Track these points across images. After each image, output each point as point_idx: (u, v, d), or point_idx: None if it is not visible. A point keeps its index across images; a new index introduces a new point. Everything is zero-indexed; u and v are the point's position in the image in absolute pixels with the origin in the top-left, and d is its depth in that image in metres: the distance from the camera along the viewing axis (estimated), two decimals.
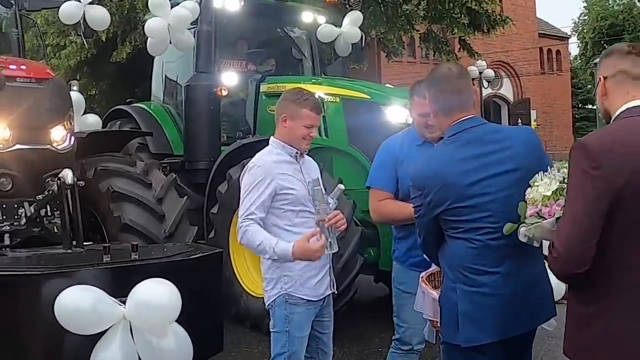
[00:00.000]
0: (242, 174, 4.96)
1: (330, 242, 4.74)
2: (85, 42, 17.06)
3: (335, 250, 4.80)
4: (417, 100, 5.17)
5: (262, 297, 8.01)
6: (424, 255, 4.41)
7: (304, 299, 4.84)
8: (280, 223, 4.80)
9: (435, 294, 4.11)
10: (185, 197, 7.87)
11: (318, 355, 5.11)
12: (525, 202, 3.42)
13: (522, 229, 3.41)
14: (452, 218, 3.88)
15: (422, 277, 4.34)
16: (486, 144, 3.95)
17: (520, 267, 3.85)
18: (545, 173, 3.42)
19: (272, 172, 4.80)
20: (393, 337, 5.49)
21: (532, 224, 3.32)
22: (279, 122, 5.00)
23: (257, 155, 5.01)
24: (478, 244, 3.83)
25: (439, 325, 4.09)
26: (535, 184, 3.40)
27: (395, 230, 5.54)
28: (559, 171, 3.37)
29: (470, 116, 4.03)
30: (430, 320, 4.27)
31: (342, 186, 5.22)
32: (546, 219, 3.26)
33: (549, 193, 3.29)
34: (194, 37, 9.47)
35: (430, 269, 4.47)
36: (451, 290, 3.94)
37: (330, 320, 5.16)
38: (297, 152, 4.99)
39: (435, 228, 4.03)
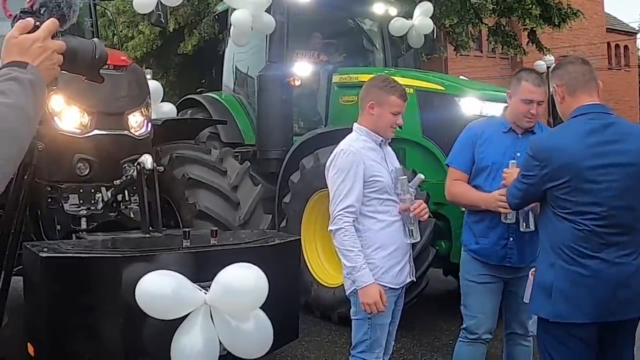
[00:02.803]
0: (331, 160, 4.91)
1: (412, 230, 4.80)
2: (155, 31, 17.25)
3: (418, 240, 4.83)
4: (526, 86, 5.09)
5: (333, 287, 8.15)
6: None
7: (387, 287, 4.82)
8: (365, 210, 4.79)
9: None
10: (260, 185, 7.88)
11: None
12: None
13: None
14: (563, 196, 3.95)
15: (531, 272, 4.36)
16: (611, 133, 4.00)
17: (622, 257, 3.88)
18: None
19: (363, 159, 4.78)
20: (461, 327, 5.47)
21: None
22: (365, 109, 4.96)
23: (345, 141, 4.97)
24: (584, 227, 3.89)
25: None
26: None
27: (466, 216, 5.50)
28: None
29: (598, 102, 4.09)
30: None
31: (422, 176, 5.21)
32: None
33: None
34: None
35: None
36: (549, 267, 4.02)
37: (399, 310, 5.16)
38: (382, 140, 4.97)
39: (534, 199, 4.23)
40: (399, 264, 4.90)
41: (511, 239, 5.13)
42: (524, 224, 4.89)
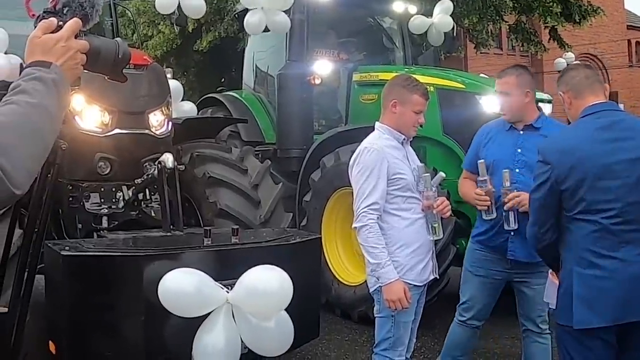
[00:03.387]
0: (355, 158, 4.93)
1: (435, 227, 4.85)
2: (176, 29, 17.28)
3: (440, 237, 4.89)
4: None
5: (353, 285, 8.15)
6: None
7: (411, 284, 4.84)
8: (388, 207, 4.80)
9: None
10: (280, 184, 7.88)
11: None
12: None
13: None
14: (577, 196, 3.90)
15: (551, 271, 4.36)
16: (621, 130, 4.00)
17: (638, 254, 3.82)
18: None
19: (387, 157, 4.79)
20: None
21: None
22: (388, 107, 4.97)
23: (368, 139, 4.99)
24: (599, 226, 3.86)
25: None
26: None
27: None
28: None
29: (605, 101, 4.07)
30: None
31: (443, 174, 5.21)
32: None
33: None
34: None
35: None
36: (568, 273, 4.00)
37: (421, 308, 5.17)
38: (404, 138, 4.98)
39: (552, 207, 4.05)
40: (422, 261, 4.92)
41: (512, 232, 5.26)
42: (507, 223, 5.16)
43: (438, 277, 5.30)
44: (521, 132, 5.34)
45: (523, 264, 5.29)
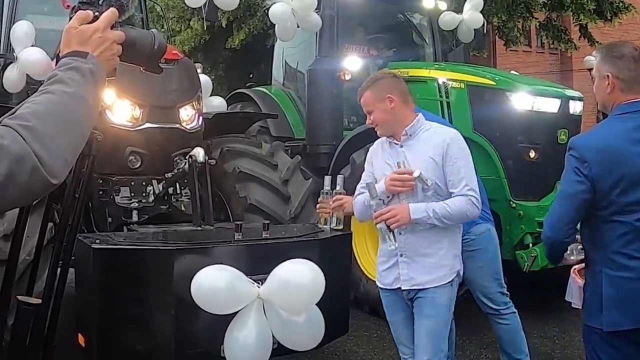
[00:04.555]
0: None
1: (386, 236, 4.62)
2: (205, 25, 17.30)
3: (393, 248, 4.64)
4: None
5: None
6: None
7: (378, 285, 5.05)
8: None
9: (583, 283, 4.11)
10: (310, 180, 7.86)
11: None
12: None
13: None
14: (611, 197, 3.81)
15: (573, 269, 4.31)
16: None
17: None
18: None
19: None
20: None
21: None
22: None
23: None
24: (631, 228, 3.78)
25: None
26: None
27: None
28: None
29: None
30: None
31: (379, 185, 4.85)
32: None
33: None
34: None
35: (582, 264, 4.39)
36: (597, 274, 3.91)
37: (420, 316, 4.84)
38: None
39: (585, 207, 3.94)
40: (384, 263, 4.96)
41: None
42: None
43: (402, 289, 4.85)
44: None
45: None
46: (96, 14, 2.36)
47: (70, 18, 2.38)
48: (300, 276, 4.43)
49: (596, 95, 4.16)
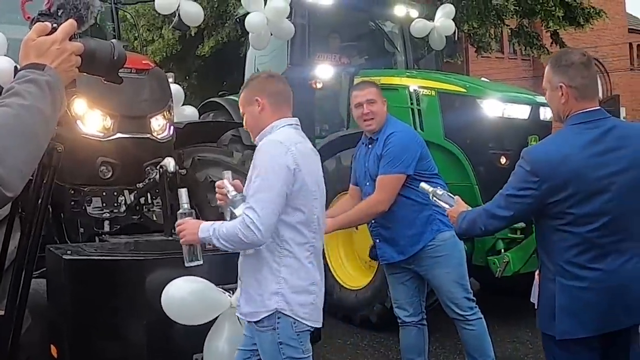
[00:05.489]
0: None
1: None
2: (176, 34, 17.27)
3: (194, 264, 4.37)
4: (353, 94, 6.23)
5: (355, 290, 8.16)
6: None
7: None
8: None
9: None
10: None
11: None
12: None
13: None
14: (564, 209, 3.80)
15: (537, 272, 4.32)
16: (611, 140, 3.87)
17: (622, 264, 3.79)
18: None
19: None
20: None
21: None
22: None
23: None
24: (584, 239, 3.79)
25: None
26: None
27: None
28: None
29: (598, 108, 3.96)
30: None
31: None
32: None
33: None
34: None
35: None
36: (550, 282, 3.94)
37: None
38: None
39: (527, 218, 4.05)
40: None
41: (377, 240, 6.10)
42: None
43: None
44: (369, 146, 5.80)
45: (397, 264, 5.98)
46: (54, 25, 2.35)
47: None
48: None
49: (550, 106, 4.17)
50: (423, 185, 4.94)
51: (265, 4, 8.87)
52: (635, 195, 3.81)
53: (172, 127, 7.34)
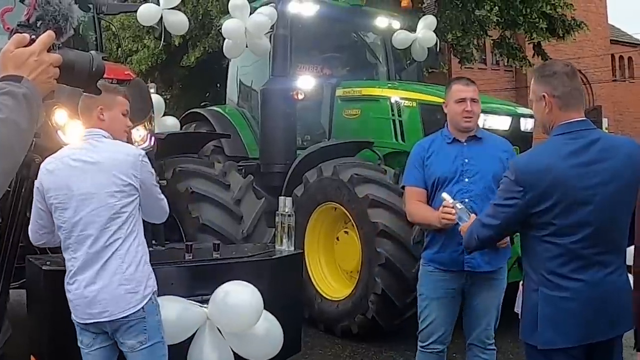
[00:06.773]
0: None
1: None
2: (160, 44, 17.29)
3: None
4: (456, 87, 5.41)
5: (336, 300, 8.16)
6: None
7: None
8: None
9: None
10: (263, 199, 7.89)
11: None
12: None
13: None
14: (547, 219, 3.81)
15: (521, 283, 4.32)
16: (596, 151, 3.86)
17: (605, 276, 3.80)
18: None
19: None
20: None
21: None
22: None
23: None
24: (567, 249, 3.79)
25: None
26: None
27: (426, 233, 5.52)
28: None
29: (584, 119, 3.98)
30: None
31: None
32: None
33: None
34: (270, 42, 9.50)
35: None
36: (533, 292, 3.94)
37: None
38: None
39: (515, 228, 4.10)
40: None
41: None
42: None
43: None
44: (465, 143, 5.29)
45: (481, 275, 5.25)
46: (33, 37, 2.34)
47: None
48: (237, 298, 4.47)
49: (535, 117, 4.19)
50: (444, 195, 4.88)
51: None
52: (617, 208, 3.82)
53: (152, 138, 7.32)
